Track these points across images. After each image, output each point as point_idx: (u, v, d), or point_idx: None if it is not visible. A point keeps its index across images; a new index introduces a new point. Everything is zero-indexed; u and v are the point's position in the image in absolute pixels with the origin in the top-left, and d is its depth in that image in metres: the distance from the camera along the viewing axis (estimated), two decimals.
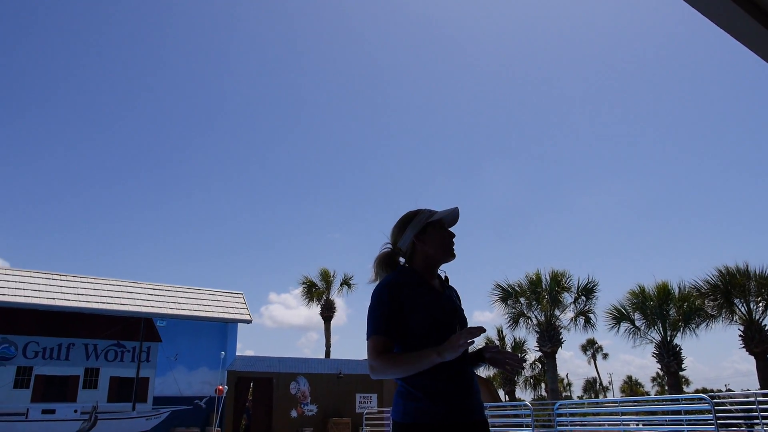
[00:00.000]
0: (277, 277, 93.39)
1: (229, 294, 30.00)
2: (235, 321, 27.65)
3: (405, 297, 5.45)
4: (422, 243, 5.67)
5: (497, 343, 39.47)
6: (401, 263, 5.76)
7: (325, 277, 40.34)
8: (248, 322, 27.69)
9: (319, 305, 39.95)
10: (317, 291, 40.00)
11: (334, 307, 39.89)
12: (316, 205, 71.37)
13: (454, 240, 5.70)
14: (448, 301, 5.63)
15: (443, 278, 5.83)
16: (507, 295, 31.17)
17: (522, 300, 30.70)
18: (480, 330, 4.99)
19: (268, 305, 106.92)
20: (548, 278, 30.43)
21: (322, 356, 37.66)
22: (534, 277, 30.50)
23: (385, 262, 5.72)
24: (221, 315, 27.53)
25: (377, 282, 5.64)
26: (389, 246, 5.80)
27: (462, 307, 5.66)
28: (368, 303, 5.51)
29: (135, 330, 26.40)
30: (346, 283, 40.58)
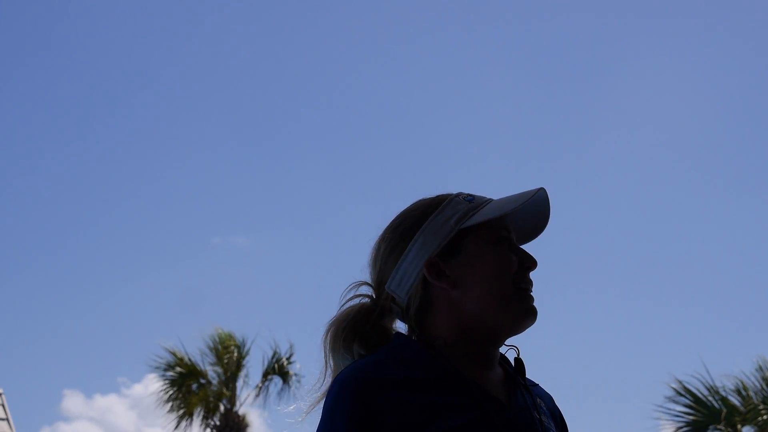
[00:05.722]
0: (92, 351, 26.16)
1: None
2: None
3: (398, 420, 1.42)
4: (449, 282, 1.53)
5: None
6: (398, 333, 1.59)
7: (223, 351, 16.33)
8: None
9: (207, 427, 16.06)
10: (202, 391, 16.13)
11: None
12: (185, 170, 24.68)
13: (532, 266, 1.56)
14: (524, 427, 1.48)
15: (512, 364, 1.60)
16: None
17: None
18: None
19: (64, 424, 27.77)
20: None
21: None
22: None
23: (354, 333, 1.57)
24: None
25: (333, 381, 1.52)
26: (364, 292, 1.61)
27: None
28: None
29: None
30: (278, 369, 16.28)
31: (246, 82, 24.72)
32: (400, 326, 1.57)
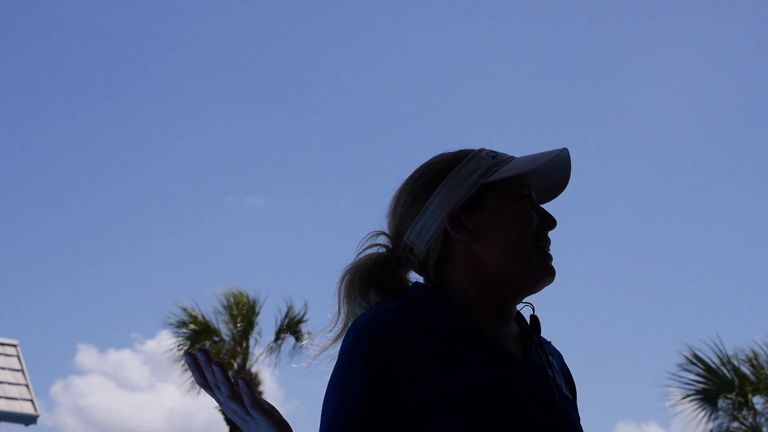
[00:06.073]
0: (106, 307, 25.83)
1: None
2: None
3: (415, 367, 1.42)
4: (470, 236, 1.51)
5: None
6: (417, 282, 1.57)
7: (236, 310, 16.24)
8: (30, 420, 13.07)
9: None
10: (215, 349, 15.96)
11: (258, 391, 15.56)
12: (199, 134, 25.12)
13: (552, 225, 1.56)
14: (538, 383, 1.48)
15: (528, 322, 1.60)
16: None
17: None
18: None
19: (77, 377, 28.38)
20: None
21: None
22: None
23: (370, 281, 1.55)
24: None
25: (348, 327, 1.51)
26: (382, 242, 1.60)
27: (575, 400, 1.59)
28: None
29: None
30: (291, 326, 16.24)
31: (266, 42, 24.67)
32: (416, 278, 1.56)
